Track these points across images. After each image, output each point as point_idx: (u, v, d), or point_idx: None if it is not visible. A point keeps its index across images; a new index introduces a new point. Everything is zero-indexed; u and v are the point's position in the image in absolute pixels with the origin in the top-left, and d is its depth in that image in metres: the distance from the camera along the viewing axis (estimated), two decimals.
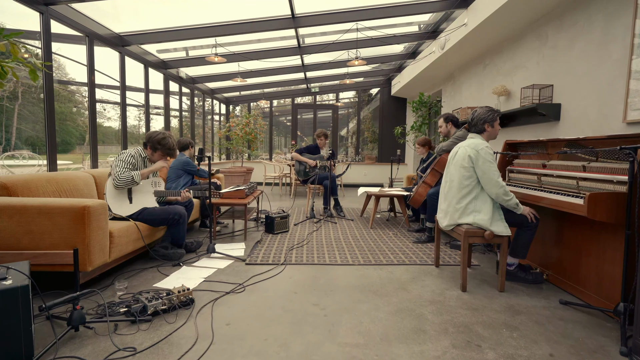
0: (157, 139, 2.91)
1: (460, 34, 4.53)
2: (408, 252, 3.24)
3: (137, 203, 2.75)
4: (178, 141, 4.15)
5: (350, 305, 2.10)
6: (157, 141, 2.91)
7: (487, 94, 4.78)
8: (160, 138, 2.92)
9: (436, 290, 2.35)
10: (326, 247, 3.37)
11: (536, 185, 2.69)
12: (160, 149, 2.93)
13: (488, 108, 2.43)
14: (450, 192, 2.45)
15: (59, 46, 4.41)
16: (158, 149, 2.93)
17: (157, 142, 2.91)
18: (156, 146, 2.91)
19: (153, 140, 2.90)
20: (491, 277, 2.63)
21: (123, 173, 2.62)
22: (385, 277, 2.58)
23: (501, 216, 2.34)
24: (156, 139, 2.91)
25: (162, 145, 2.93)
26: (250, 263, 2.85)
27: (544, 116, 3.43)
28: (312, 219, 4.60)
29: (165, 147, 2.94)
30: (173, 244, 2.96)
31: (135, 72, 5.22)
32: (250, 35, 5.47)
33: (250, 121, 7.70)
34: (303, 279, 2.53)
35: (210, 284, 2.41)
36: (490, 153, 2.31)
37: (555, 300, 2.23)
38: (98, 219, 2.15)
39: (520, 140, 3.03)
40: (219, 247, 3.28)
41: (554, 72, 3.45)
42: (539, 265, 2.71)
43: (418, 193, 3.65)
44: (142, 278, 2.51)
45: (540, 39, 3.65)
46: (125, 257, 2.60)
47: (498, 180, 2.27)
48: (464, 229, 2.33)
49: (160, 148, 2.93)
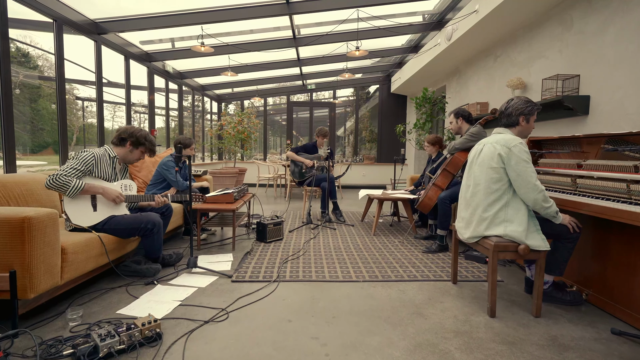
0: (142, 134, 2.53)
1: (469, 23, 4.15)
2: (419, 264, 2.84)
3: (103, 211, 2.33)
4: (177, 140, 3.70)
5: (357, 340, 1.70)
6: (143, 136, 2.52)
7: (499, 88, 4.41)
8: (145, 133, 2.55)
9: (459, 316, 1.96)
10: (325, 258, 2.97)
11: (570, 189, 2.31)
12: (146, 145, 2.54)
13: (526, 99, 2.05)
14: (475, 198, 2.06)
15: (24, 34, 3.97)
16: (142, 145, 2.53)
17: (142, 137, 2.52)
18: (141, 141, 2.51)
19: (137, 135, 2.50)
20: (519, 296, 2.24)
21: (66, 175, 2.13)
22: (396, 298, 2.18)
23: (537, 227, 1.95)
24: (142, 134, 2.52)
25: (148, 141, 2.54)
26: (237, 280, 2.43)
27: (569, 110, 3.05)
28: (308, 225, 4.19)
29: (150, 142, 2.57)
30: (147, 257, 2.54)
31: (114, 65, 4.79)
32: (242, 25, 5.05)
33: (243, 119, 7.27)
34: (299, 301, 2.12)
35: (187, 309, 1.99)
36: (526, 151, 1.92)
37: (605, 328, 1.84)
38: (44, 232, 1.73)
39: (546, 137, 2.65)
40: (202, 260, 2.86)
41: (580, 60, 3.07)
42: (574, 282, 2.32)
43: (428, 197, 3.26)
44: (105, 302, 2.08)
45: (564, 25, 3.27)
46: (87, 275, 2.17)
47: (536, 183, 1.88)
48: (492, 242, 1.94)
49: (146, 144, 2.54)
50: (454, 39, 4.66)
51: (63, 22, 3.49)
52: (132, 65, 5.09)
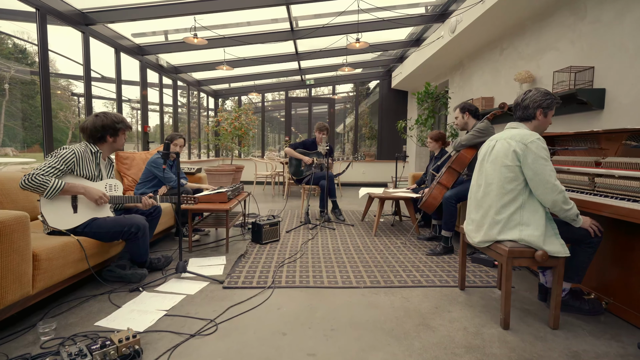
0: (111, 120, 2.26)
1: (475, 13, 3.97)
2: (423, 268, 2.68)
3: (85, 212, 2.15)
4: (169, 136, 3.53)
5: (358, 356, 1.53)
6: (114, 122, 2.27)
7: (506, 82, 4.23)
8: (112, 117, 2.28)
9: (470, 328, 1.79)
10: (324, 261, 2.80)
11: (587, 188, 2.14)
12: (121, 127, 2.33)
13: (545, 91, 1.87)
14: (487, 199, 1.89)
15: (21, 30, 3.79)
16: (120, 129, 2.32)
17: (114, 122, 2.27)
18: (117, 127, 2.29)
19: (109, 125, 2.25)
20: (533, 304, 2.08)
21: (43, 174, 1.95)
22: (400, 307, 2.02)
23: (555, 230, 1.78)
24: (111, 121, 2.26)
25: (120, 122, 2.31)
26: (229, 286, 2.26)
27: (583, 104, 2.88)
28: (306, 225, 4.02)
29: (123, 122, 2.34)
30: (133, 262, 2.37)
31: (104, 59, 4.59)
32: (238, 17, 4.86)
33: (240, 115, 7.07)
34: (295, 310, 1.96)
35: (173, 320, 1.83)
36: (544, 147, 1.75)
37: (631, 342, 1.68)
38: (10, 238, 1.56)
39: (560, 133, 2.47)
40: (193, 263, 2.70)
41: (594, 52, 2.89)
42: (592, 289, 2.16)
43: (432, 196, 3.08)
44: (84, 311, 1.91)
45: (577, 14, 3.09)
46: (66, 282, 2.00)
47: (555, 183, 1.70)
48: (506, 247, 1.77)
49: (121, 126, 2.32)
50: (458, 31, 4.47)
51: (47, 11, 3.30)
52: (125, 59, 4.90)
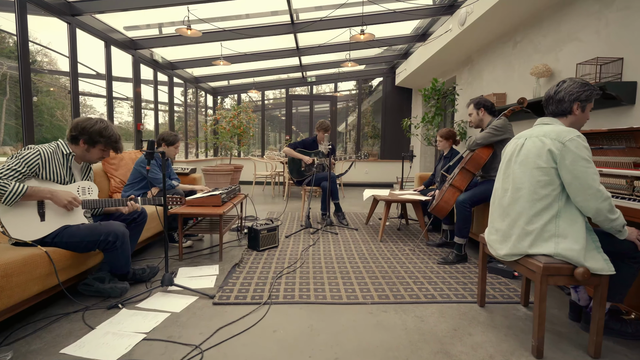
0: (96, 129, 1.98)
1: (487, 4, 3.71)
2: (435, 279, 2.42)
3: (54, 220, 1.90)
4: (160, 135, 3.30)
5: None
6: (98, 132, 1.99)
7: (520, 77, 3.96)
8: (100, 127, 2.00)
9: (496, 356, 1.54)
10: (326, 271, 2.55)
11: (625, 193, 1.89)
12: (102, 142, 2.03)
13: (583, 81, 1.61)
14: (516, 206, 1.63)
15: None
16: (99, 143, 2.04)
17: (97, 132, 1.99)
18: (96, 139, 2.01)
19: (90, 131, 1.98)
20: (565, 326, 1.83)
21: (1, 177, 1.71)
22: (413, 329, 1.77)
23: (597, 243, 1.53)
24: (96, 129, 1.98)
25: (105, 137, 2.02)
26: (220, 302, 2.02)
27: (611, 99, 2.62)
28: (307, 229, 3.77)
29: (109, 139, 2.04)
30: (113, 274, 2.13)
31: (94, 52, 4.35)
32: (236, 9, 4.61)
33: (239, 113, 6.83)
34: (293, 334, 1.71)
35: (152, 345, 1.58)
36: (585, 146, 1.49)
37: None
38: None
39: (591, 130, 2.22)
40: (183, 273, 2.45)
41: (624, 42, 2.63)
42: (632, 308, 1.90)
43: (444, 200, 2.83)
44: (51, 334, 1.67)
45: (603, 1, 2.83)
46: (31, 300, 1.75)
47: (600, 188, 1.45)
48: (540, 263, 1.51)
49: (102, 141, 2.02)
50: (468, 24, 4.21)
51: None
52: (117, 53, 4.66)
